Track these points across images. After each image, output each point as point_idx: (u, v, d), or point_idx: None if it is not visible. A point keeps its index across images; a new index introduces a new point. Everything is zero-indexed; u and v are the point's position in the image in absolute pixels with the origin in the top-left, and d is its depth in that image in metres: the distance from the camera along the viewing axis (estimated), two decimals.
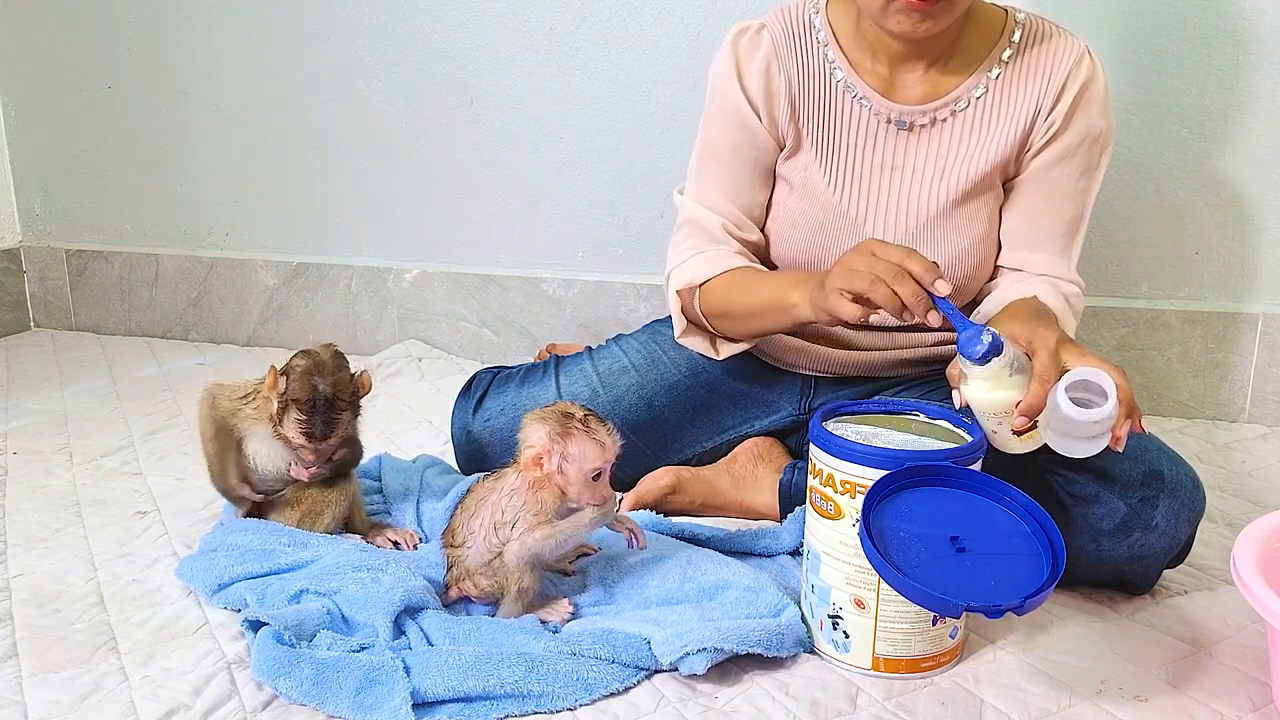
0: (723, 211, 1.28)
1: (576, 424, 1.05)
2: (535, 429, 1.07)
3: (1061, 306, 1.20)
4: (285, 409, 1.20)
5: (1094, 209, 1.27)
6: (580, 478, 1.05)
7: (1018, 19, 1.23)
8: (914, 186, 1.23)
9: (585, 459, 1.05)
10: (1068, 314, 1.21)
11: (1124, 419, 0.95)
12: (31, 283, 2.46)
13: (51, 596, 1.18)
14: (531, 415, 1.09)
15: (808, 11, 1.26)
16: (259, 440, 1.24)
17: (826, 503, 1.00)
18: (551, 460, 1.05)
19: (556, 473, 1.05)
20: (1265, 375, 1.75)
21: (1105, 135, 1.23)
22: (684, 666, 0.99)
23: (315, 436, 1.20)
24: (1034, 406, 0.95)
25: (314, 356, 1.22)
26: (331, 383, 1.20)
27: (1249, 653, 1.05)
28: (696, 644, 0.98)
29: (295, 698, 0.95)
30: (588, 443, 1.05)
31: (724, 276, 1.25)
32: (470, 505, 1.09)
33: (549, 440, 1.05)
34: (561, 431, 1.05)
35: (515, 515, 1.05)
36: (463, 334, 2.16)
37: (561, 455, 1.05)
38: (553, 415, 1.07)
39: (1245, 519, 1.30)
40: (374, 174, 2.16)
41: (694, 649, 0.98)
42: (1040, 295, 1.19)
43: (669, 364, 1.41)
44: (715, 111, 1.28)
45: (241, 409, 1.23)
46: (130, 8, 2.22)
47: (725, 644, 0.98)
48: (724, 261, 1.25)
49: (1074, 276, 1.26)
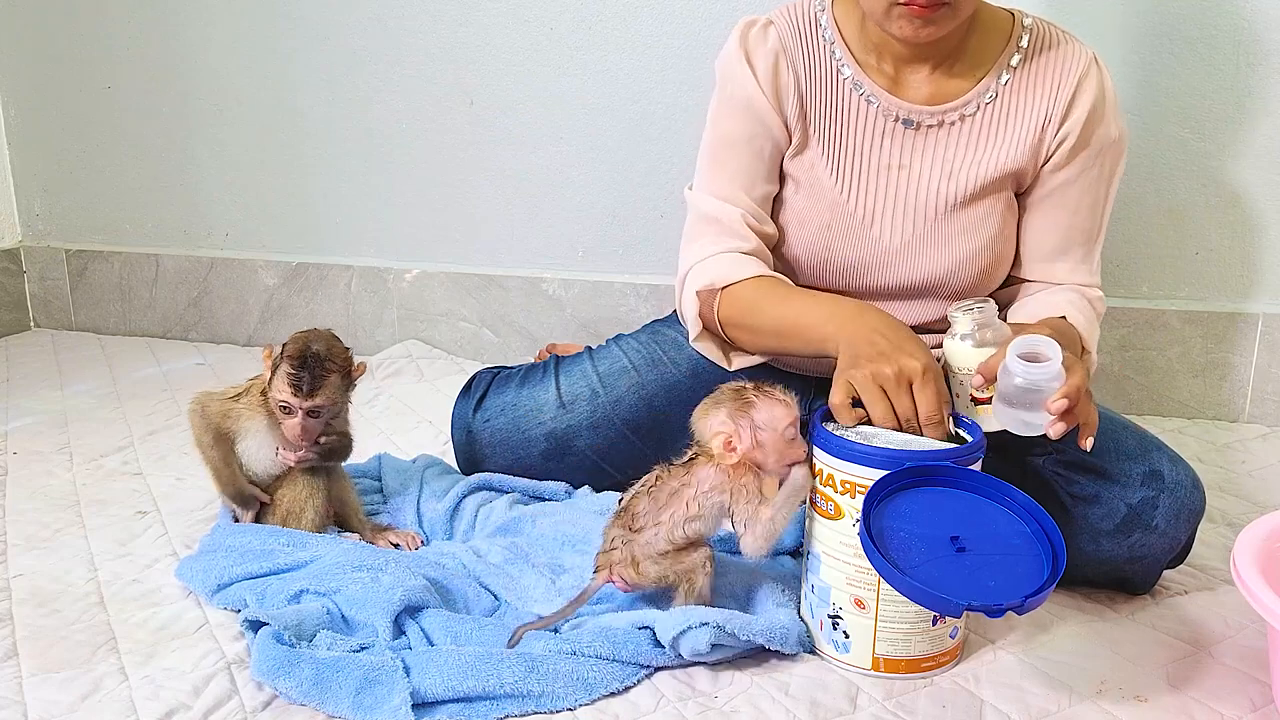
0: (740, 203, 1.25)
1: (752, 393, 1.03)
2: (712, 416, 1.04)
3: (1089, 315, 1.22)
4: (276, 371, 1.22)
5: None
6: (778, 443, 1.02)
7: (1025, 24, 1.22)
8: (920, 186, 1.23)
9: (777, 421, 1.02)
10: (1093, 320, 1.23)
11: (1062, 397, 0.96)
12: (31, 283, 2.46)
13: (51, 596, 1.18)
14: (701, 407, 1.06)
15: (813, 9, 1.25)
16: (250, 437, 1.25)
17: (827, 503, 1.00)
18: (743, 437, 1.02)
19: (753, 448, 1.02)
20: (1265, 375, 1.75)
21: (1119, 141, 1.23)
22: (685, 644, 0.99)
23: (302, 391, 1.20)
24: (990, 368, 1.01)
25: (311, 330, 1.25)
26: (325, 344, 1.23)
27: (1249, 653, 1.05)
28: (699, 620, 0.98)
29: (295, 698, 0.95)
30: (774, 406, 1.03)
31: (748, 284, 1.21)
32: (661, 496, 1.05)
33: (731, 420, 1.03)
34: (742, 405, 1.03)
35: (714, 511, 1.03)
36: (463, 334, 2.16)
37: (752, 428, 1.02)
38: (724, 397, 1.04)
39: (1245, 519, 1.31)
40: (374, 174, 2.16)
41: (696, 624, 0.98)
42: (1069, 306, 1.20)
43: (669, 364, 1.41)
44: (726, 102, 1.26)
45: (233, 407, 1.25)
46: (130, 8, 2.22)
47: (727, 625, 0.99)
48: (749, 267, 1.22)
49: (1096, 280, 1.27)
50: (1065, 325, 1.17)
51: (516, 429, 1.42)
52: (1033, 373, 0.97)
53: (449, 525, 1.32)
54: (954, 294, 1.25)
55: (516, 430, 1.42)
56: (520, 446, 1.42)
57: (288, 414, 1.22)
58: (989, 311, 1.06)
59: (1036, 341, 0.99)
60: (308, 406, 1.21)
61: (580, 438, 1.40)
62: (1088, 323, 1.20)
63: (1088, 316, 1.21)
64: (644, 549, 1.05)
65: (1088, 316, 1.21)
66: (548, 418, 1.41)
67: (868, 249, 1.24)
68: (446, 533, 1.31)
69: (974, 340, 1.06)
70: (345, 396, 1.27)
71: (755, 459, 1.03)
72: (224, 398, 1.25)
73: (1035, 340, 0.99)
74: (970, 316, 1.06)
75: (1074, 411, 0.98)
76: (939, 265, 1.24)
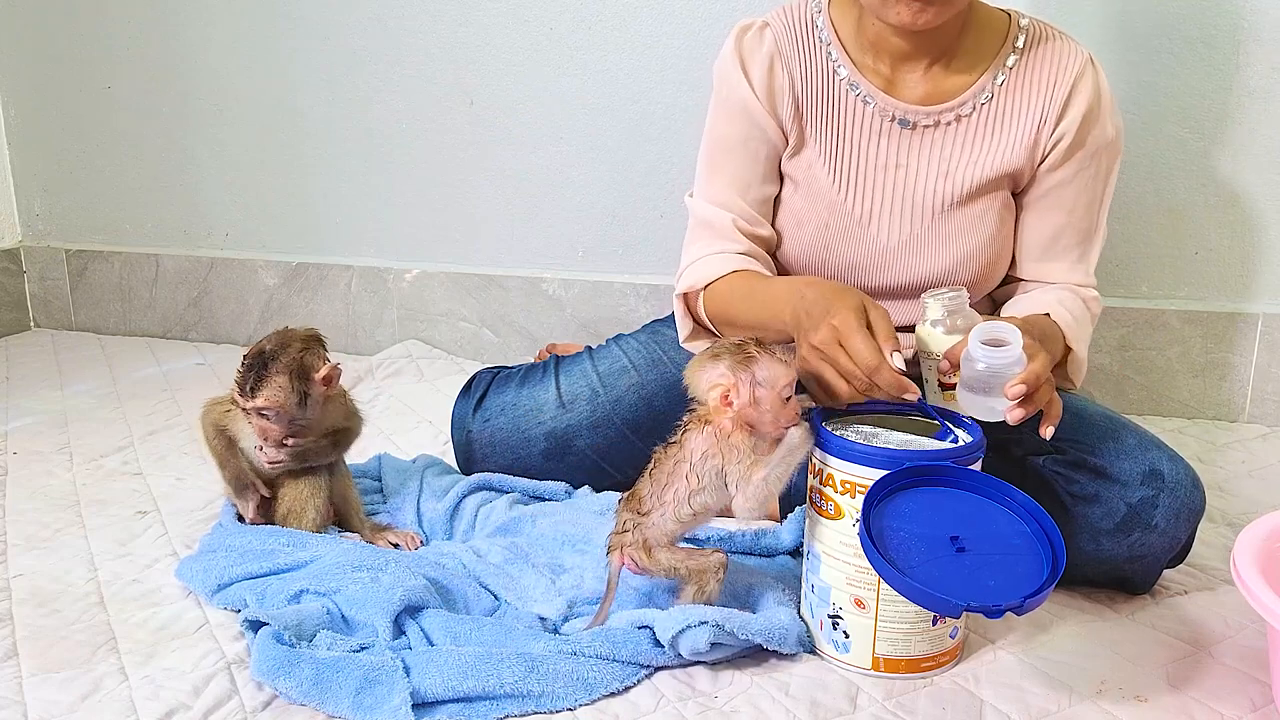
0: (732, 208, 1.27)
1: (754, 348, 1.00)
2: (710, 369, 1.01)
3: (1081, 314, 1.21)
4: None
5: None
6: (776, 401, 0.99)
7: (1021, 24, 1.23)
8: (917, 186, 1.23)
9: (777, 379, 0.99)
10: (1085, 319, 1.22)
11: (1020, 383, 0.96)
12: (31, 283, 2.46)
13: (51, 596, 1.18)
14: (698, 359, 1.03)
15: (810, 11, 1.26)
16: (246, 439, 1.26)
17: (826, 503, 1.00)
18: (741, 392, 0.99)
19: (749, 405, 0.99)
20: (1265, 375, 1.75)
21: (1115, 141, 1.23)
22: (685, 643, 0.98)
23: (245, 391, 1.19)
24: (955, 354, 1.00)
25: (286, 330, 1.24)
26: (279, 344, 1.21)
27: (1249, 653, 1.05)
28: (698, 618, 0.98)
29: (295, 698, 0.95)
30: (774, 364, 0.99)
31: (726, 281, 1.24)
32: (661, 476, 1.03)
33: (732, 373, 0.99)
34: (743, 359, 0.99)
35: (713, 478, 1.01)
36: (463, 334, 2.16)
37: (752, 383, 0.99)
38: (724, 350, 1.01)
39: (1245, 519, 1.31)
40: (374, 174, 2.16)
41: (695, 622, 0.98)
42: (1060, 302, 1.20)
43: (669, 364, 1.41)
44: (721, 106, 1.28)
45: (230, 410, 1.25)
46: (130, 8, 2.22)
47: (726, 624, 0.99)
48: (728, 264, 1.24)
49: (1091, 281, 1.27)
50: (1047, 321, 1.17)
51: (516, 429, 1.42)
52: (992, 357, 0.97)
53: (449, 525, 1.32)
54: None
55: (516, 430, 1.42)
56: (520, 446, 1.42)
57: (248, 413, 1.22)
58: (960, 299, 1.06)
59: (997, 327, 0.98)
60: (250, 407, 1.20)
61: (580, 437, 1.40)
62: (1076, 321, 1.20)
63: (1077, 315, 1.21)
64: (653, 530, 1.03)
65: (1077, 315, 1.21)
66: (548, 417, 1.41)
67: (866, 248, 1.25)
68: (446, 533, 1.31)
69: (944, 327, 1.05)
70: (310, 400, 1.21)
71: (750, 417, 1.00)
72: (224, 402, 1.26)
73: (996, 326, 0.99)
74: (940, 303, 1.06)
75: (1033, 398, 0.98)
76: (937, 264, 1.24)
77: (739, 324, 1.24)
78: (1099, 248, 1.28)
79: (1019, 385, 0.96)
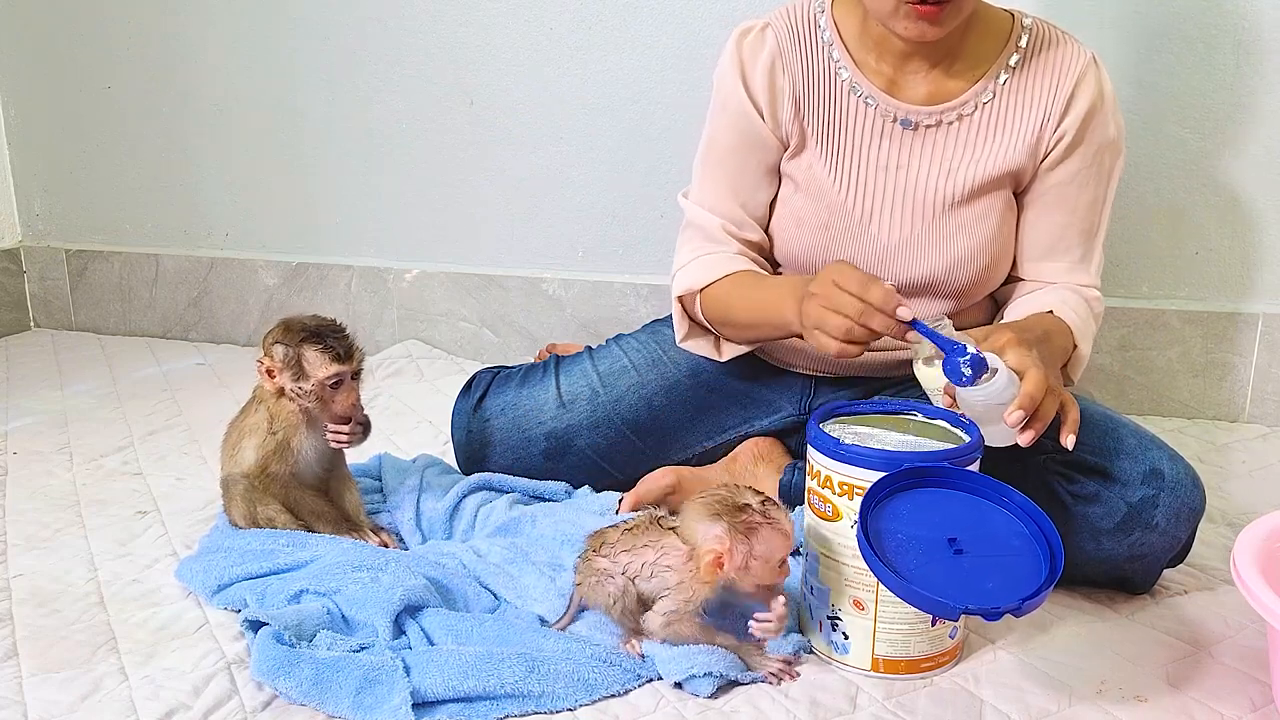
0: (721, 212, 1.28)
1: (757, 515, 0.96)
2: (707, 526, 0.96)
3: (1084, 313, 1.21)
4: (296, 366, 1.20)
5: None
6: (766, 571, 0.97)
7: (1024, 24, 1.22)
8: (918, 186, 1.23)
9: (774, 553, 0.96)
10: (1088, 318, 1.22)
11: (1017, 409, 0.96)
12: (31, 283, 2.46)
13: (51, 596, 1.18)
14: (695, 506, 0.99)
15: (812, 11, 1.26)
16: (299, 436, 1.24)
17: (825, 504, 1.00)
18: (734, 560, 0.95)
19: (739, 569, 0.96)
20: (1265, 375, 1.75)
21: (1117, 141, 1.24)
22: (687, 686, 0.98)
23: (344, 356, 1.20)
24: (953, 388, 1.00)
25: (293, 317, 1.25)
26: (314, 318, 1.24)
27: (1249, 653, 1.05)
28: (703, 668, 0.98)
29: (295, 698, 0.95)
30: (775, 536, 0.96)
31: (723, 283, 1.25)
32: (629, 540, 1.02)
33: (728, 538, 0.95)
34: (744, 528, 0.95)
35: (660, 590, 0.99)
36: (463, 334, 2.16)
37: (747, 556, 0.95)
38: (723, 508, 0.97)
39: (1245, 519, 1.30)
40: (374, 174, 2.16)
41: (700, 673, 0.98)
42: (1060, 303, 1.20)
43: (669, 364, 1.41)
44: (719, 111, 1.28)
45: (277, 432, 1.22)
46: (130, 8, 2.22)
47: (729, 672, 0.98)
48: (724, 266, 1.25)
49: (1094, 281, 1.27)
50: (1050, 319, 1.17)
51: (516, 429, 1.42)
52: (978, 394, 0.97)
53: (449, 525, 1.32)
54: (954, 292, 1.25)
55: (516, 430, 1.42)
56: (520, 446, 1.42)
57: (337, 387, 1.21)
58: (945, 329, 1.03)
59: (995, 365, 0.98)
60: (355, 368, 1.22)
61: (580, 437, 1.40)
62: (1080, 320, 1.20)
63: (1081, 314, 1.21)
64: (593, 594, 1.04)
65: (1081, 314, 1.21)
66: (548, 417, 1.41)
67: (867, 247, 1.25)
68: (446, 532, 1.31)
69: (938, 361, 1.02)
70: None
71: (732, 578, 0.97)
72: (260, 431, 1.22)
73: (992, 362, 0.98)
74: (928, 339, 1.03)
75: (1038, 415, 0.98)
76: (938, 263, 1.24)
77: (738, 324, 1.25)
78: (1102, 248, 1.28)
79: (1016, 412, 0.96)
